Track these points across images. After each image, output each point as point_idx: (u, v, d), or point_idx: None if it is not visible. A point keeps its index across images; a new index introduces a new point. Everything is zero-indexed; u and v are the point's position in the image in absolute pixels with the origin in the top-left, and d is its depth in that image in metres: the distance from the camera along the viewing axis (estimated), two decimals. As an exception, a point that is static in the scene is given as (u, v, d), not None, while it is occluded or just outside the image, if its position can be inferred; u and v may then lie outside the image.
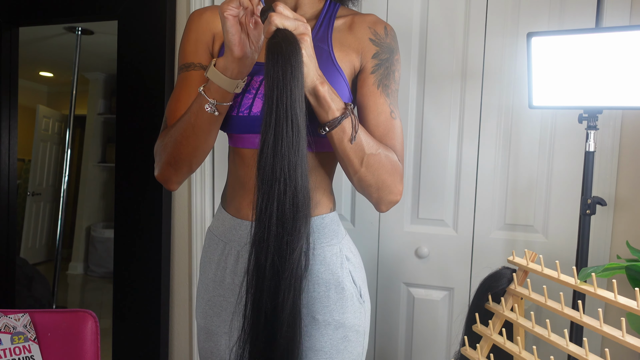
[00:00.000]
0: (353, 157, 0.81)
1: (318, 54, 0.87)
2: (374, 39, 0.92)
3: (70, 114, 3.20)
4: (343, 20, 0.94)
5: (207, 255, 0.97)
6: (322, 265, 0.89)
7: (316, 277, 0.88)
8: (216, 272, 0.94)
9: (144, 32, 1.78)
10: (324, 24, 0.92)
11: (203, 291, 0.97)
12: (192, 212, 1.79)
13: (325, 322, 0.88)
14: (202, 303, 0.97)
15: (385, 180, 0.85)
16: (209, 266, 0.96)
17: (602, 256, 1.44)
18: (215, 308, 0.94)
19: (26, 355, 1.13)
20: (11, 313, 1.16)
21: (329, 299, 0.88)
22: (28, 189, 4.40)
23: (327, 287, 0.89)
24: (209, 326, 0.95)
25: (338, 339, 0.89)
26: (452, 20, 1.53)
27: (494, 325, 1.13)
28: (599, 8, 1.42)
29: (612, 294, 0.94)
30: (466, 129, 1.54)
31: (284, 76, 0.67)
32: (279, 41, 0.67)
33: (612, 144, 1.41)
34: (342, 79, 0.88)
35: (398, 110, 0.92)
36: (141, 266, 1.83)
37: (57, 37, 3.20)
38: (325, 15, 0.94)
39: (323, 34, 0.91)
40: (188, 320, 1.85)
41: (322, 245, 0.90)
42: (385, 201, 0.88)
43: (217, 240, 0.95)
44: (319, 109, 0.78)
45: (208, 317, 0.95)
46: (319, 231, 0.90)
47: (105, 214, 4.55)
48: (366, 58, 0.91)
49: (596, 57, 1.10)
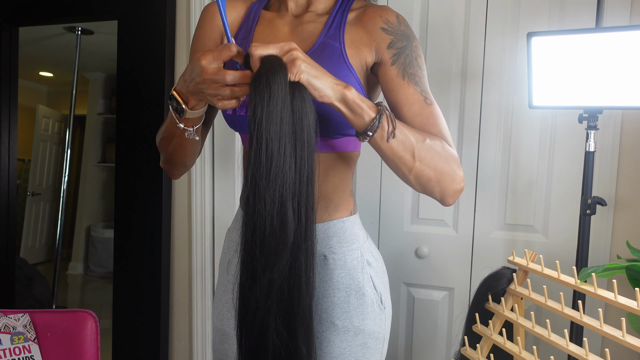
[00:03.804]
0: (403, 154, 0.75)
1: (329, 52, 0.83)
2: (387, 28, 0.85)
3: (70, 113, 3.20)
4: (355, 14, 0.88)
5: (227, 257, 0.96)
6: (342, 270, 0.87)
7: (336, 282, 0.86)
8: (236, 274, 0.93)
9: (143, 32, 1.78)
10: (336, 19, 0.87)
11: (221, 293, 0.95)
12: (192, 212, 1.79)
13: (345, 328, 0.86)
14: (219, 304, 0.96)
15: (444, 170, 0.79)
16: (229, 268, 0.94)
17: (602, 256, 1.44)
18: (232, 310, 0.91)
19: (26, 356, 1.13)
20: (11, 313, 1.16)
21: (349, 304, 0.87)
22: (28, 189, 4.40)
23: (347, 293, 0.87)
24: (225, 328, 0.94)
25: (357, 346, 0.87)
26: (452, 20, 1.53)
27: (494, 325, 1.13)
28: (599, 8, 1.42)
29: (612, 294, 0.94)
30: (466, 129, 1.54)
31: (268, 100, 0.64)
32: (261, 73, 0.64)
33: (612, 144, 1.41)
34: (355, 79, 0.83)
35: (431, 96, 0.85)
36: (141, 266, 1.83)
37: (57, 37, 3.20)
38: (339, 9, 0.88)
39: (335, 31, 0.86)
40: (188, 320, 1.85)
41: (342, 250, 0.88)
42: (449, 192, 0.81)
43: (237, 242, 0.92)
44: (353, 116, 0.72)
45: (225, 319, 0.94)
46: (339, 235, 0.88)
47: (105, 214, 4.55)
48: (381, 50, 0.84)
49: (596, 57, 1.10)
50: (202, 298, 1.80)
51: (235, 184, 1.77)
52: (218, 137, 1.77)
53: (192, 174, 1.78)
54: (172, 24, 1.78)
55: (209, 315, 1.82)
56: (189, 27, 1.75)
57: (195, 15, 1.73)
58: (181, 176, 0.95)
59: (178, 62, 1.79)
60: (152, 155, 1.79)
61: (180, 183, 1.82)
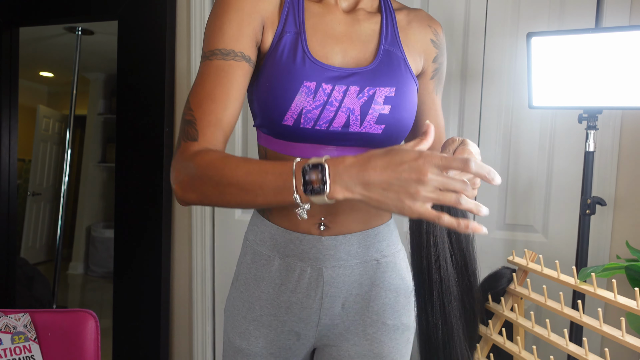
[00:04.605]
0: None
1: (397, 63, 0.80)
2: (435, 40, 0.87)
3: (71, 114, 3.20)
4: (402, 17, 0.86)
5: (253, 272, 0.85)
6: (393, 271, 0.87)
7: (388, 284, 0.86)
8: (268, 290, 0.84)
9: (144, 32, 1.78)
10: (389, 22, 0.83)
11: (245, 310, 0.86)
12: (193, 212, 1.79)
13: (395, 326, 0.87)
14: (243, 323, 0.86)
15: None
16: (256, 284, 0.85)
17: (602, 256, 1.44)
18: (262, 329, 0.84)
19: (26, 355, 1.13)
20: (12, 313, 1.16)
21: (398, 303, 0.87)
22: (28, 189, 4.40)
23: (397, 293, 0.87)
24: (251, 348, 0.85)
25: (403, 342, 0.88)
26: (452, 21, 1.53)
27: (494, 325, 1.14)
28: (599, 8, 1.42)
29: (611, 294, 0.94)
30: (466, 129, 1.54)
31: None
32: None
33: (612, 144, 1.41)
34: (416, 88, 0.83)
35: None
36: (141, 266, 1.83)
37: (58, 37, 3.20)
38: (385, 10, 0.84)
39: (392, 36, 0.82)
40: (188, 320, 1.85)
41: (392, 252, 0.87)
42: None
43: (268, 256, 0.84)
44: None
45: (252, 337, 0.85)
46: (387, 239, 0.87)
47: (105, 214, 4.55)
48: (428, 61, 0.86)
49: (596, 57, 1.10)
50: (203, 298, 1.80)
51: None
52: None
53: (192, 174, 1.78)
54: (173, 24, 1.78)
55: (209, 315, 1.82)
56: (189, 28, 1.75)
57: (195, 15, 1.73)
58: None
59: (178, 62, 1.79)
60: (153, 155, 1.79)
61: (181, 183, 1.82)
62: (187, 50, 1.77)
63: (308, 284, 0.81)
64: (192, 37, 1.74)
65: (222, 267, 1.81)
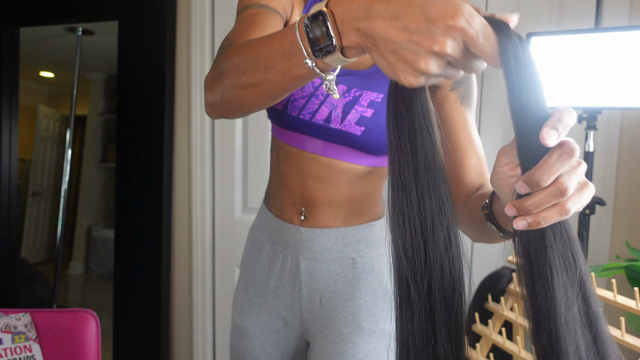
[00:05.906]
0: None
1: None
2: None
3: (71, 114, 3.20)
4: None
5: (250, 255, 0.95)
6: (370, 273, 0.87)
7: (364, 286, 0.86)
8: (259, 273, 0.92)
9: (144, 32, 1.79)
10: None
11: (243, 290, 0.95)
12: (193, 212, 1.79)
13: (371, 330, 0.86)
14: (240, 302, 0.96)
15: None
16: (252, 267, 0.94)
17: (602, 256, 1.44)
18: (254, 308, 0.92)
19: (27, 355, 1.14)
20: (12, 313, 1.16)
21: (376, 307, 0.87)
22: (29, 189, 4.40)
23: (374, 296, 0.87)
24: (245, 325, 0.94)
25: (381, 348, 0.88)
26: (452, 21, 1.53)
27: (494, 325, 1.14)
28: (599, 8, 1.42)
29: (611, 294, 0.94)
30: (466, 129, 1.55)
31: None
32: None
33: (612, 144, 1.41)
34: None
35: None
36: (141, 266, 1.83)
37: (58, 37, 3.20)
38: None
39: None
40: (188, 319, 1.85)
41: (370, 254, 0.88)
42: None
43: (262, 241, 0.92)
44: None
45: (246, 316, 0.94)
46: (368, 239, 0.88)
47: (105, 214, 4.55)
48: None
49: (595, 57, 1.10)
50: (203, 297, 1.80)
51: (235, 183, 1.77)
52: (218, 137, 1.77)
53: (192, 173, 1.79)
54: (173, 25, 1.78)
55: (210, 314, 1.82)
56: (190, 28, 1.75)
57: (195, 15, 1.73)
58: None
59: (178, 62, 1.79)
60: (153, 155, 1.80)
61: (181, 182, 1.82)
62: (187, 50, 1.77)
63: (289, 272, 0.87)
64: (192, 37, 1.74)
65: (222, 267, 1.81)
